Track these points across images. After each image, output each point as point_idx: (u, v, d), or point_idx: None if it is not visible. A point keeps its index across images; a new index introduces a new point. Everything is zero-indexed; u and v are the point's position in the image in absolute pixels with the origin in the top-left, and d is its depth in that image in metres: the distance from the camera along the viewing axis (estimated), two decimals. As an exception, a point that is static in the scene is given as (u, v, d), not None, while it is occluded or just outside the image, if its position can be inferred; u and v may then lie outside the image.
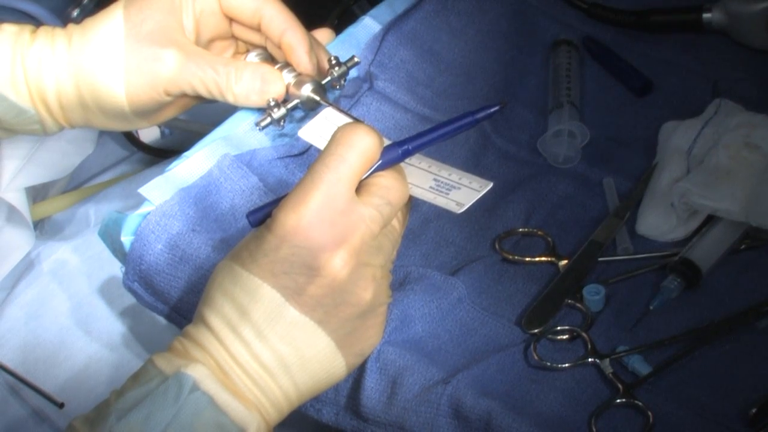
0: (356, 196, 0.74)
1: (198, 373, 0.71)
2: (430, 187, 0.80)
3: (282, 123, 0.94)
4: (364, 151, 0.74)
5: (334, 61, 0.96)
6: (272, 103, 0.93)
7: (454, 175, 0.80)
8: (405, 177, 0.78)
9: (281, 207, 0.73)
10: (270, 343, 0.72)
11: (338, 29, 1.08)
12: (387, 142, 0.79)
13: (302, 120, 0.99)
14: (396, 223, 0.78)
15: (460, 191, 0.79)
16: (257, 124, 0.95)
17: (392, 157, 0.77)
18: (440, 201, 0.79)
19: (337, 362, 0.75)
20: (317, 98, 0.94)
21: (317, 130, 0.88)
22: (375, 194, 0.75)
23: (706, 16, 1.08)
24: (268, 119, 0.94)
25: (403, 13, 1.08)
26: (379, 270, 0.75)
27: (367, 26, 1.07)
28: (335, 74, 0.96)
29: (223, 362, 0.72)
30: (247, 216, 0.79)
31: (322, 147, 0.77)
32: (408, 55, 1.06)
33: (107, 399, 0.72)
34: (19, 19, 1.32)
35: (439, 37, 1.08)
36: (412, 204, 0.81)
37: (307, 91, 0.94)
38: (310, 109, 0.95)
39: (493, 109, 0.78)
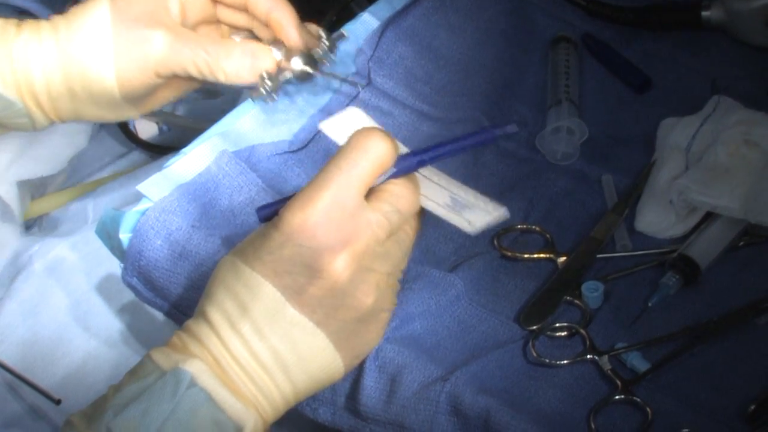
0: (365, 201, 0.74)
1: (195, 368, 0.71)
2: (445, 204, 0.79)
3: (275, 96, 0.93)
4: (378, 157, 0.74)
5: (322, 35, 0.96)
6: (265, 77, 0.92)
7: (470, 195, 0.79)
8: (417, 187, 0.77)
9: (289, 205, 0.73)
10: (269, 342, 0.72)
11: (337, 25, 1.07)
12: (404, 150, 0.78)
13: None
14: (409, 230, 0.77)
15: (474, 211, 0.78)
16: (251, 97, 0.93)
17: (406, 165, 0.77)
18: (453, 218, 0.78)
19: (335, 363, 0.75)
20: (310, 70, 0.93)
21: (339, 125, 0.87)
22: (384, 201, 0.75)
23: (705, 13, 1.08)
24: (261, 90, 0.92)
25: (402, 9, 1.08)
26: (384, 277, 0.75)
27: (366, 22, 1.07)
28: (324, 48, 0.95)
29: (221, 358, 0.72)
30: (257, 210, 0.79)
31: (340, 142, 0.77)
32: (406, 51, 1.06)
33: (105, 394, 0.72)
34: (16, 16, 1.31)
35: (438, 34, 1.08)
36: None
37: (298, 63, 0.93)
38: (302, 81, 0.95)
39: (510, 129, 0.78)
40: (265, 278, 0.72)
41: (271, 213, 0.77)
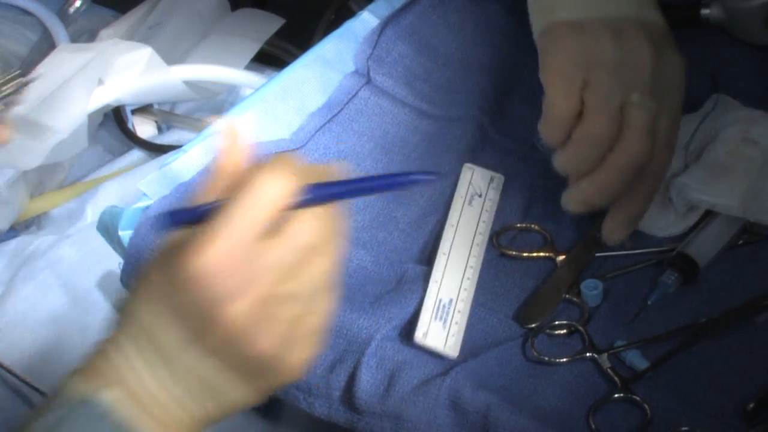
0: (262, 243, 0.69)
1: (112, 396, 0.70)
2: (439, 299, 0.85)
3: None
4: (271, 200, 0.68)
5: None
6: None
7: (454, 315, 0.86)
8: (324, 218, 0.70)
9: (188, 247, 0.68)
10: (176, 373, 0.69)
11: (335, 24, 1.08)
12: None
13: None
14: (322, 264, 0.71)
15: (437, 326, 0.84)
16: None
17: (318, 196, 0.70)
18: (425, 313, 0.84)
19: (246, 395, 0.73)
20: None
21: None
22: (283, 238, 0.69)
23: (704, 11, 1.08)
24: None
25: (401, 7, 1.08)
26: (287, 325, 0.70)
27: (365, 21, 1.07)
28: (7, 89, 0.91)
29: (133, 386, 0.71)
30: (171, 214, 0.73)
31: None
32: (406, 49, 1.06)
33: (27, 419, 0.71)
34: (16, 15, 1.32)
35: (437, 32, 1.08)
36: (410, 196, 0.80)
37: None
38: None
39: (427, 178, 0.68)
40: (173, 317, 0.70)
41: (182, 222, 0.72)
